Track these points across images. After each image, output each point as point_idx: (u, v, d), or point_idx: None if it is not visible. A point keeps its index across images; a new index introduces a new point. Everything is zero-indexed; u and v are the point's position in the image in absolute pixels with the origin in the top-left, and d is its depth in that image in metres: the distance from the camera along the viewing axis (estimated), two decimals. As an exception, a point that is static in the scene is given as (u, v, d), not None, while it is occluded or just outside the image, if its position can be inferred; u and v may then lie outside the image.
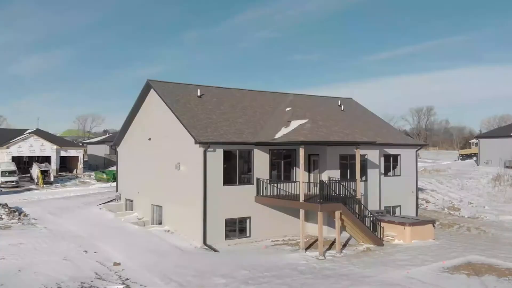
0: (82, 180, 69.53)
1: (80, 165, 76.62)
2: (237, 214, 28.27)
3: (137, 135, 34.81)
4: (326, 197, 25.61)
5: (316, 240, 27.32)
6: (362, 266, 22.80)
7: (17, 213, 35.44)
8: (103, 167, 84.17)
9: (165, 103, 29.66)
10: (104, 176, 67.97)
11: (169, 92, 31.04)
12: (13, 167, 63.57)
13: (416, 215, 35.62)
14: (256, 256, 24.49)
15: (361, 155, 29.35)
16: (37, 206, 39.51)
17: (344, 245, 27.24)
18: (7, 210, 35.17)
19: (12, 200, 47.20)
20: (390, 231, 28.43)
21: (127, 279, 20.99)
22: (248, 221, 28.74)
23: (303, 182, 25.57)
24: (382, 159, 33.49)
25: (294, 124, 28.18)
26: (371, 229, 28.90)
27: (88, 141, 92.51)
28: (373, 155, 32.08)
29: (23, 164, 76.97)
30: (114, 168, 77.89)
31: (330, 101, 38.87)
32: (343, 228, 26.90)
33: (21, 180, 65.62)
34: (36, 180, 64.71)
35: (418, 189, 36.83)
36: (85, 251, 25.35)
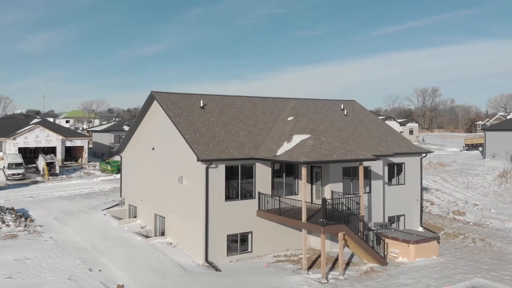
0: (86, 171, 69.83)
1: (85, 154, 76.88)
2: (239, 229, 28.25)
3: (141, 143, 34.70)
4: (329, 214, 25.49)
5: (319, 256, 27.35)
6: (364, 292, 22.83)
7: (23, 219, 35.67)
8: (108, 156, 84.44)
9: (169, 117, 29.42)
10: (109, 167, 68.21)
11: (172, 103, 30.75)
12: (19, 159, 63.86)
13: (421, 223, 35.50)
14: (258, 279, 24.50)
15: (364, 167, 29.11)
16: (42, 208, 39.71)
17: (348, 264, 27.22)
18: (13, 216, 35.35)
19: (19, 195, 47.68)
20: (394, 248, 28.33)
21: (130, 306, 21.14)
22: (250, 235, 28.73)
23: (305, 202, 25.39)
24: (386, 168, 33.20)
25: (296, 139, 27.89)
26: (375, 243, 28.95)
27: (93, 129, 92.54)
28: (377, 166, 31.80)
29: (29, 153, 77.34)
30: (118, 158, 78.26)
31: (332, 105, 38.39)
32: (346, 245, 26.81)
33: (27, 172, 66.04)
34: (42, 172, 65.11)
35: (422, 189, 36.52)
36: (90, 269, 25.50)
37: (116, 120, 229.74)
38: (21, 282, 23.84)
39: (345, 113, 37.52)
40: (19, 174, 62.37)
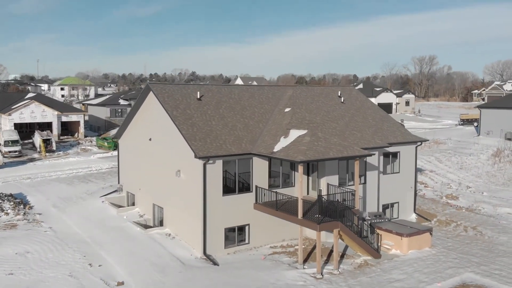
0: (83, 147, 69.97)
1: (81, 129, 76.87)
2: (236, 222, 28.76)
3: (138, 132, 34.78)
4: (325, 208, 25.95)
5: (314, 247, 28.00)
6: (358, 290, 23.54)
7: (22, 206, 36.08)
8: (104, 129, 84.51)
9: (165, 111, 29.44)
10: (106, 144, 68.34)
11: (169, 95, 30.69)
12: (15, 136, 63.87)
13: (414, 210, 36.16)
14: (255, 274, 25.15)
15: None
16: (40, 193, 40.09)
17: (342, 256, 27.89)
18: (12, 204, 35.71)
19: (16, 176, 48.03)
20: (387, 240, 28.98)
21: (130, 306, 21.78)
22: (247, 228, 29.27)
23: (301, 198, 25.79)
24: (381, 157, 33.53)
25: (293, 134, 28.06)
26: (369, 233, 29.67)
27: (88, 102, 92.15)
28: (372, 157, 32.09)
29: (25, 127, 77.24)
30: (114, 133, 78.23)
31: (330, 92, 38.40)
32: (341, 238, 27.38)
33: (23, 148, 66.16)
34: (38, 149, 65.26)
35: (417, 176, 36.97)
36: (90, 265, 26.06)
37: (111, 86, 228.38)
38: (22, 279, 24.40)
39: (342, 101, 37.57)
40: (15, 151, 62.51)
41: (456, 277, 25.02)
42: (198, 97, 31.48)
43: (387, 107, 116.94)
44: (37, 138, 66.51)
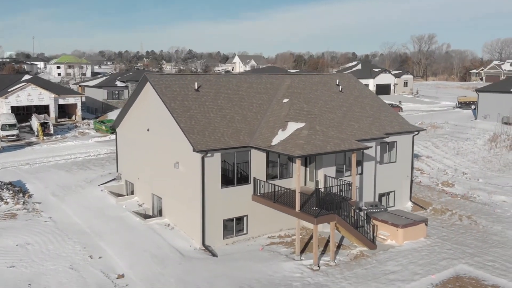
0: (81, 130, 70.03)
1: (79, 112, 76.74)
2: (235, 213, 29.10)
3: (136, 121, 34.86)
4: (322, 199, 26.29)
5: (311, 237, 28.43)
6: (354, 282, 23.98)
7: (21, 195, 36.37)
8: (102, 112, 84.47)
9: (163, 102, 29.48)
10: (103, 127, 68.39)
11: (166, 87, 30.69)
12: (13, 120, 63.80)
13: (410, 198, 36.58)
14: (253, 265, 25.58)
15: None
16: (39, 181, 40.32)
17: (339, 246, 28.35)
18: (11, 192, 35.96)
19: (15, 162, 48.24)
20: (383, 231, 29.42)
21: (131, 300, 22.24)
22: (245, 218, 29.65)
23: (299, 192, 26.08)
24: (378, 147, 33.76)
25: (291, 127, 28.19)
26: (365, 222, 30.15)
27: (85, 84, 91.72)
28: (370, 154, 32.30)
29: (22, 110, 77.04)
30: (112, 116, 78.32)
31: (328, 80, 38.43)
32: (338, 230, 27.78)
33: (21, 132, 66.19)
34: (36, 133, 65.31)
35: (413, 165, 37.26)
36: (90, 256, 26.46)
37: (107, 64, 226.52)
38: (24, 272, 24.78)
39: (340, 89, 37.63)
40: (13, 135, 62.55)
41: (450, 269, 25.52)
42: (196, 87, 31.49)
43: (385, 88, 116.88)
44: (35, 122, 66.47)
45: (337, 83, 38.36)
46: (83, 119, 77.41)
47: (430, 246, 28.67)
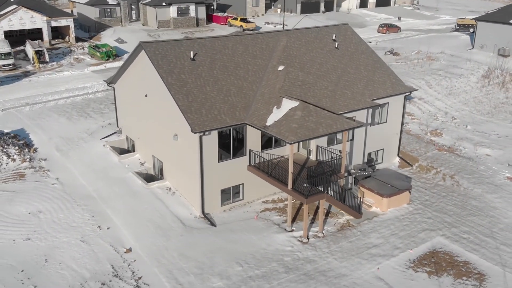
0: (76, 56, 69.70)
1: (72, 34, 75.68)
2: (232, 183, 31.04)
3: (134, 83, 35.41)
4: (312, 174, 28.22)
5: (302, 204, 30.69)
6: (339, 257, 26.63)
7: (26, 150, 37.98)
8: (95, 30, 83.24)
9: (161, 78, 30.04)
10: (98, 54, 68.12)
11: (162, 57, 30.98)
12: (7, 48, 63.39)
13: (398, 153, 38.44)
14: (248, 238, 28.06)
15: (349, 118, 31.31)
16: (42, 130, 41.72)
17: (327, 214, 30.75)
18: (17, 148, 37.45)
19: (15, 101, 49.36)
20: (369, 198, 31.64)
21: (139, 278, 24.91)
22: (241, 186, 31.66)
23: (291, 172, 27.78)
24: (370, 111, 34.74)
25: (285, 106, 29.05)
26: (353, 184, 32.49)
27: (76, 0, 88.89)
28: (361, 115, 33.43)
29: (15, 32, 75.79)
30: (106, 39, 77.33)
31: (325, 35, 38.44)
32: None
33: (16, 58, 66.06)
34: (32, 61, 65.21)
35: (403, 123, 38.73)
36: (99, 227, 28.84)
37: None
38: (39, 245, 27.21)
39: (336, 46, 37.81)
40: (9, 65, 62.61)
41: (428, 243, 28.10)
42: (192, 57, 31.80)
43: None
44: (29, 50, 66.02)
45: (333, 38, 38.41)
46: (77, 41, 76.49)
47: (412, 214, 31.09)
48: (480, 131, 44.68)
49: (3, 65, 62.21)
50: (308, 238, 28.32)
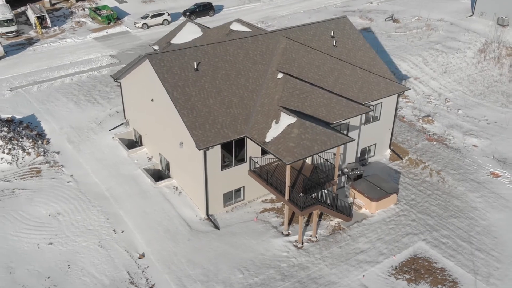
0: (77, 19, 69.95)
1: (72, -6, 75.30)
2: (233, 187, 33.75)
3: (141, 83, 37.02)
4: (307, 185, 30.95)
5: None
6: (330, 264, 29.89)
7: (40, 142, 40.34)
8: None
9: (166, 92, 31.82)
10: (99, 18, 68.42)
11: (167, 69, 32.55)
12: (9, 14, 63.78)
13: (389, 146, 40.81)
14: (248, 242, 31.17)
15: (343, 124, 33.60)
16: (52, 117, 43.88)
17: (320, 216, 33.71)
18: (31, 141, 39.76)
19: (20, 75, 51.33)
20: (360, 199, 34.47)
21: (153, 285, 28.31)
22: (242, 188, 34.40)
23: (288, 186, 30.41)
24: (363, 115, 36.61)
25: (284, 121, 31.06)
26: (346, 182, 35.43)
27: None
28: (355, 119, 35.51)
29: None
30: (106, 1, 76.80)
31: (324, 31, 39.56)
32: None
33: (18, 23, 66.54)
34: (34, 27, 65.75)
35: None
36: (114, 231, 31.91)
37: None
38: (61, 250, 30.42)
39: (334, 43, 39.06)
40: (12, 32, 63.28)
41: (410, 248, 31.23)
42: (195, 67, 33.35)
43: None
44: (31, 16, 66.30)
45: (332, 34, 39.55)
46: (77, 1, 76.15)
47: (398, 215, 34.03)
48: (471, 117, 46.72)
49: (6, 32, 62.95)
50: (302, 243, 31.47)
